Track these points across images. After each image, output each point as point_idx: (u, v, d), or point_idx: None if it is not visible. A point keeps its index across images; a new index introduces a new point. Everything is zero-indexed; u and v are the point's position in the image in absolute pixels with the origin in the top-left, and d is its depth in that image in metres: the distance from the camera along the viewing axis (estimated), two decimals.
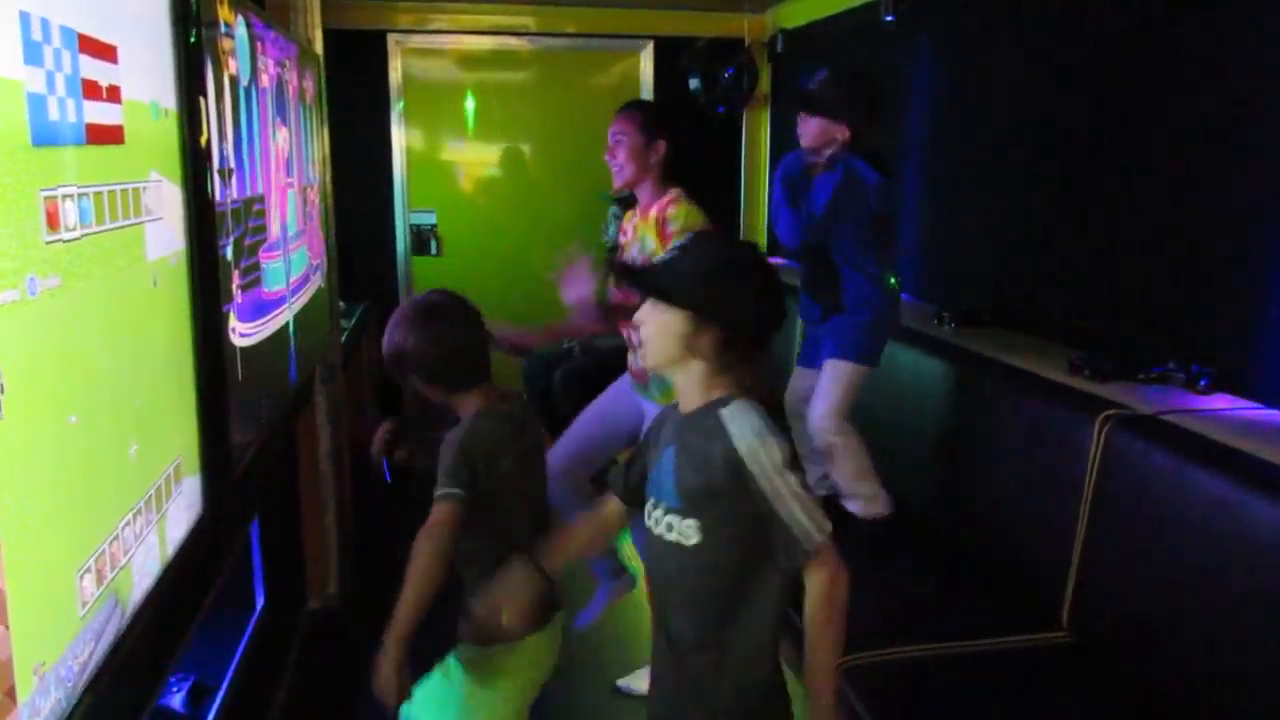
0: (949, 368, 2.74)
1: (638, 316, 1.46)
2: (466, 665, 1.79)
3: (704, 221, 2.48)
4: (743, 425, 1.37)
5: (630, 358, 2.66)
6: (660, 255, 1.75)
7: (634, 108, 2.67)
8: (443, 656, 1.82)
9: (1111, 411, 2.14)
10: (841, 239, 2.56)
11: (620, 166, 2.58)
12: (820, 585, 1.40)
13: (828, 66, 2.61)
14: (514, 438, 1.78)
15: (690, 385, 1.44)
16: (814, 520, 1.37)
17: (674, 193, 2.56)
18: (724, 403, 1.41)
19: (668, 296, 1.41)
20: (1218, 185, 2.30)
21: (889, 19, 3.56)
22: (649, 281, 1.47)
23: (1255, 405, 2.17)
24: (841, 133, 2.52)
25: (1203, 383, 2.25)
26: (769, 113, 5.07)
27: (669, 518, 1.44)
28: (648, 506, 1.50)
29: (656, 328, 1.42)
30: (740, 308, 1.39)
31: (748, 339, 1.42)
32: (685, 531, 1.42)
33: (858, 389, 2.55)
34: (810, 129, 2.56)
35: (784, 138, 4.92)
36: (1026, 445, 2.39)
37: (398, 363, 1.77)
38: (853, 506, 2.56)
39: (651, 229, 2.53)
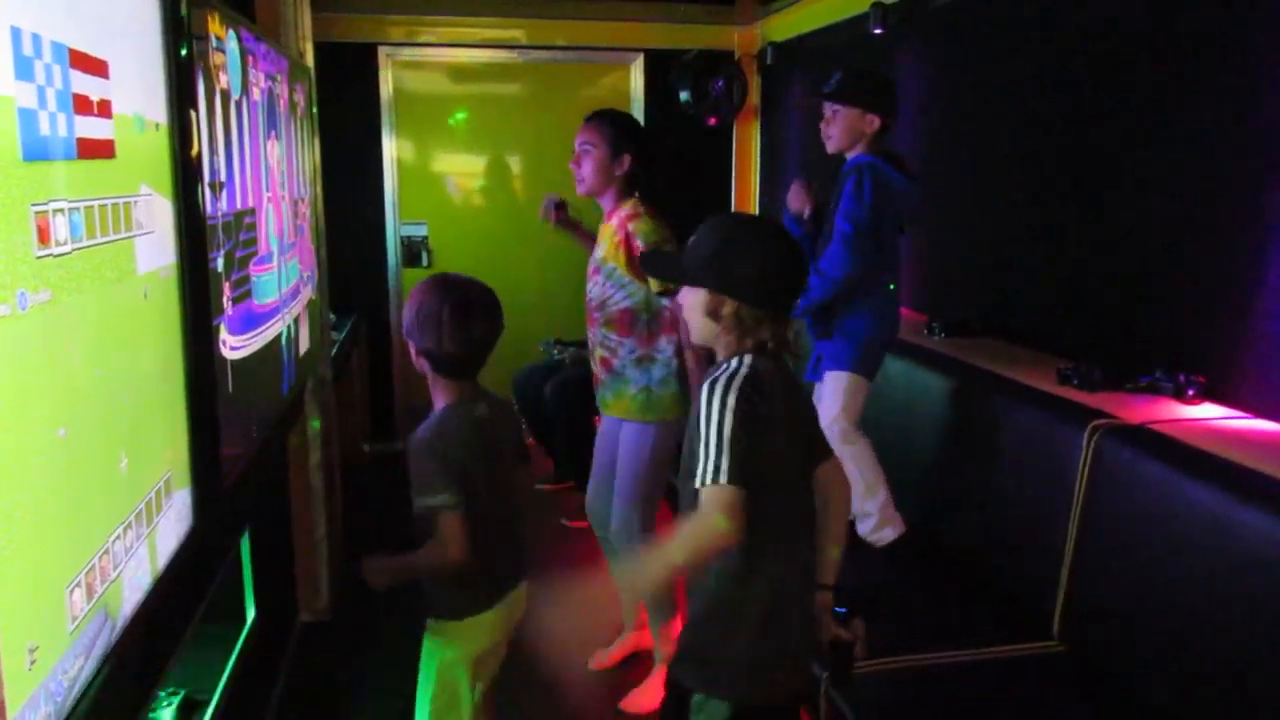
0: (938, 378, 2.75)
1: (678, 299, 1.61)
2: (430, 636, 1.90)
3: (666, 234, 2.48)
4: (720, 371, 1.47)
5: (593, 365, 2.65)
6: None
7: (602, 119, 2.58)
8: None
9: (1100, 421, 2.16)
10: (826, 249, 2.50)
11: (583, 178, 2.54)
12: (687, 523, 1.41)
13: (840, 69, 2.59)
14: (479, 441, 1.83)
15: (722, 350, 1.55)
16: (714, 463, 1.37)
17: (632, 206, 2.52)
18: (737, 359, 1.49)
19: (686, 278, 1.56)
20: (1204, 196, 2.32)
21: (878, 31, 3.58)
22: (672, 268, 1.67)
23: (1242, 414, 2.19)
24: (871, 125, 2.49)
25: (1190, 392, 2.27)
26: (759, 124, 5.10)
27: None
28: None
29: (688, 307, 1.57)
30: (748, 278, 1.49)
31: (763, 304, 1.50)
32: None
33: (859, 398, 2.51)
34: (837, 129, 2.53)
35: (775, 149, 4.95)
36: (1016, 455, 2.39)
37: (423, 326, 1.82)
38: (861, 528, 2.49)
39: (609, 238, 2.54)
